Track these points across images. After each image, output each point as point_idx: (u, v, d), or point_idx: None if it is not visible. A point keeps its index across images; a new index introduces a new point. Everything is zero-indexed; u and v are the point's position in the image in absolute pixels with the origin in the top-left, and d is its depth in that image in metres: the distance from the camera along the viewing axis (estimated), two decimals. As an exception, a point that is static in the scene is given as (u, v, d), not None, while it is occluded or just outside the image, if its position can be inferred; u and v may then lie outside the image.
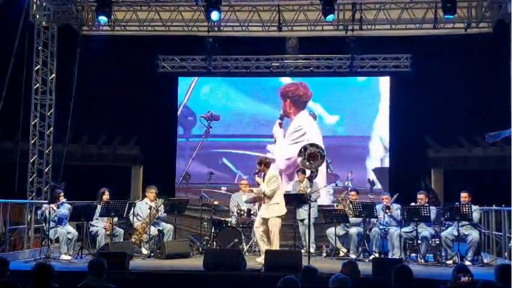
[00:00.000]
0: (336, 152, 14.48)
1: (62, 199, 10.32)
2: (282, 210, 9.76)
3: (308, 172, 11.61)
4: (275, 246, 9.54)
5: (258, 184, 9.96)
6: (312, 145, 11.64)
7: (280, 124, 14.64)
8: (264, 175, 9.76)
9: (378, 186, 14.13)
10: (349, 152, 14.63)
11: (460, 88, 13.84)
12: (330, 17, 11.49)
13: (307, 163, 11.21)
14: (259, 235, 9.76)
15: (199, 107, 15.22)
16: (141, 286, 7.97)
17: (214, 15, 11.53)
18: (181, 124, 15.32)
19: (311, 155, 11.20)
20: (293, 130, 14.66)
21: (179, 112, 15.25)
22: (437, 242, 10.46)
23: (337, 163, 14.38)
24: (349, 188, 12.73)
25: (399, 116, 14.58)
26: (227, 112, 15.14)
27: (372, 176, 14.30)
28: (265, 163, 9.87)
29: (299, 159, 11.29)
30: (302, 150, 11.30)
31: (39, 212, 10.43)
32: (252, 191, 10.74)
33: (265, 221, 9.72)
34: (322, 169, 13.09)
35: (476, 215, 9.96)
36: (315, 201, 11.38)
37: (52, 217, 10.01)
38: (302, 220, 11.30)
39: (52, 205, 10.08)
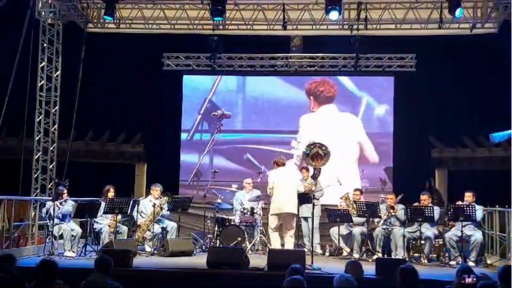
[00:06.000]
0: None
1: (66, 196, 10.35)
2: (273, 209, 10.08)
3: (311, 170, 11.56)
4: (272, 244, 9.94)
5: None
6: (316, 144, 11.60)
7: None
8: None
9: (391, 185, 14.02)
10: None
11: (465, 88, 13.81)
12: (333, 14, 11.37)
13: (311, 161, 11.17)
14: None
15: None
16: (144, 284, 7.97)
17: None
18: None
19: (315, 155, 11.16)
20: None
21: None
22: (441, 242, 10.46)
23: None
24: (363, 186, 12.62)
25: (403, 116, 14.57)
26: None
27: (383, 175, 14.16)
28: (274, 162, 10.42)
29: (305, 157, 11.26)
30: (307, 148, 11.26)
31: (43, 209, 10.44)
32: None
33: None
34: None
35: (479, 214, 9.94)
36: (318, 199, 11.37)
37: (56, 214, 10.03)
38: (305, 218, 11.29)
39: (56, 202, 10.10)
